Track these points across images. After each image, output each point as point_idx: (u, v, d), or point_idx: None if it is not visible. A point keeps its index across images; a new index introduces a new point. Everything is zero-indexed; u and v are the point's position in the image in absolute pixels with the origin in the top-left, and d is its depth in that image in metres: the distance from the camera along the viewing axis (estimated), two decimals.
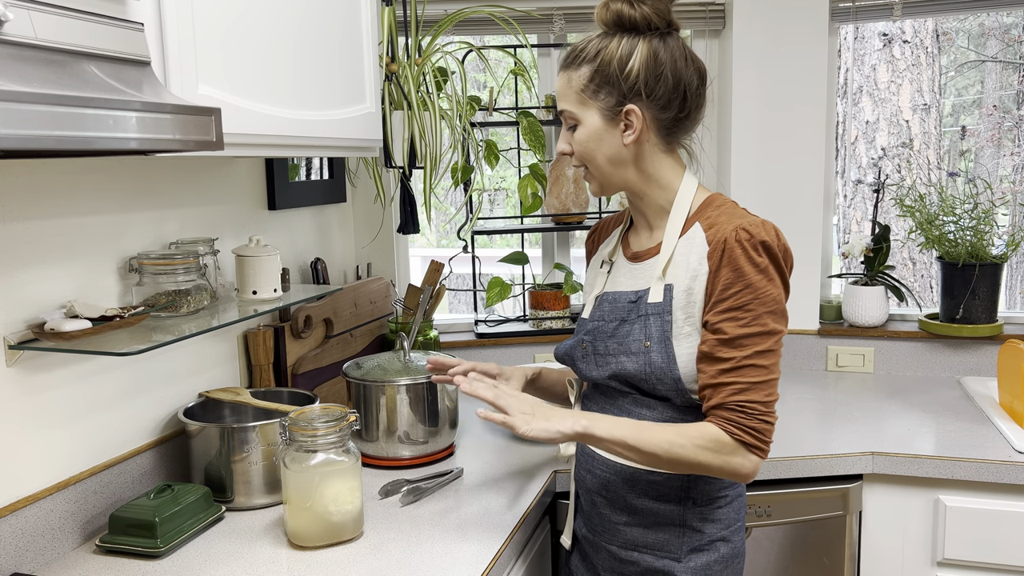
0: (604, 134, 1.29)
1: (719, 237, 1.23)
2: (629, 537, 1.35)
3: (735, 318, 1.20)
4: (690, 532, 1.31)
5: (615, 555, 1.37)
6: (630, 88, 1.26)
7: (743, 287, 1.20)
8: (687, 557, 1.31)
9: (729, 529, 1.34)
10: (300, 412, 1.42)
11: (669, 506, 1.31)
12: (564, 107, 1.32)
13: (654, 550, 1.33)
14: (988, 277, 2.29)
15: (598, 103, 1.28)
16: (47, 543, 1.35)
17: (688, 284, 1.26)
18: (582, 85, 1.29)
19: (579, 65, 1.29)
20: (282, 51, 1.43)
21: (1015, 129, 6.25)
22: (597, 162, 1.31)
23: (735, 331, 1.20)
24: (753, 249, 1.20)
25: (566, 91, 1.31)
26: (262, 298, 1.64)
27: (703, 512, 1.32)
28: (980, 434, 1.88)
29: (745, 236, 1.21)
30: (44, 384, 1.36)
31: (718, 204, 1.30)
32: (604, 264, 1.44)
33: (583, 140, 1.31)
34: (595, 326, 1.36)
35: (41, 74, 0.91)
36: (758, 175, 2.43)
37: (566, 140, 1.35)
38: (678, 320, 1.26)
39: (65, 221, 1.39)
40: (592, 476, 1.39)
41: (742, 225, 1.22)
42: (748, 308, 1.20)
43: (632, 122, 1.27)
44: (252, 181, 1.89)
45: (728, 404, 1.20)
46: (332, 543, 1.39)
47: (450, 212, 2.70)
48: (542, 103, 2.48)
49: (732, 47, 2.39)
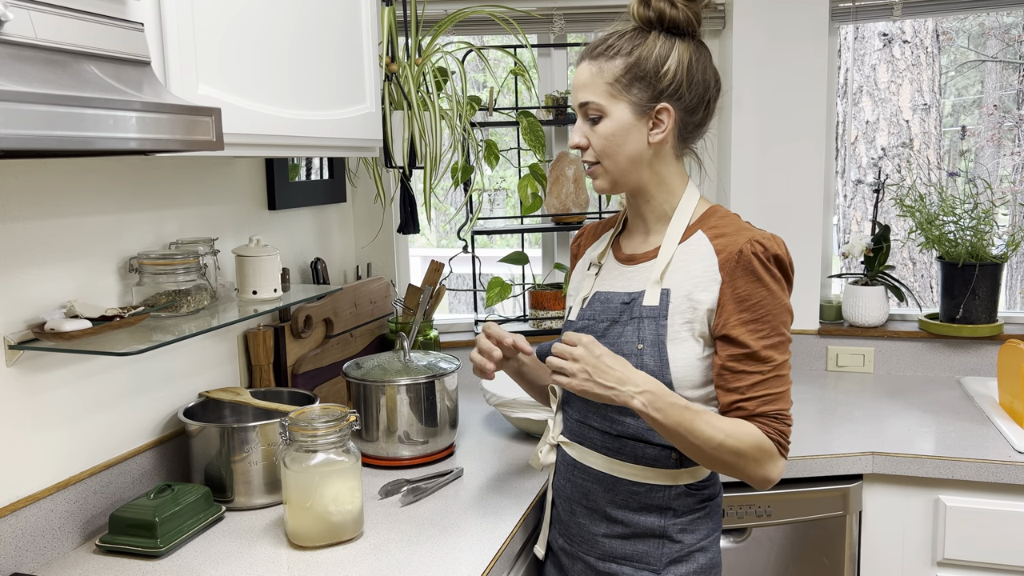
0: (631, 129, 1.26)
1: (733, 248, 1.24)
2: (607, 548, 1.33)
3: (756, 330, 1.22)
4: (669, 543, 1.30)
5: (592, 566, 1.36)
6: (665, 88, 1.25)
7: (761, 298, 1.22)
8: (666, 569, 1.30)
9: (708, 539, 1.33)
10: (300, 412, 1.42)
11: (650, 517, 1.30)
12: (590, 98, 1.27)
13: (632, 562, 1.32)
14: (988, 277, 2.29)
15: (630, 97, 1.25)
16: (47, 543, 1.35)
17: (689, 290, 1.25)
18: (615, 77, 1.25)
19: (612, 57, 1.26)
20: (282, 51, 1.43)
21: (1015, 129, 6.25)
22: (617, 158, 1.28)
23: (758, 343, 1.22)
24: (769, 261, 1.23)
25: (594, 82, 1.27)
26: (262, 298, 1.64)
27: (683, 523, 1.31)
28: (980, 434, 1.88)
29: (760, 249, 1.23)
30: (44, 384, 1.36)
31: (721, 215, 1.31)
32: (592, 267, 1.42)
33: (608, 133, 1.27)
34: (584, 325, 1.34)
35: (41, 74, 0.91)
36: (758, 175, 2.43)
37: (582, 133, 1.30)
38: (674, 325, 1.25)
39: (65, 221, 1.39)
40: (572, 485, 1.38)
41: (756, 238, 1.24)
42: (766, 320, 1.22)
43: (663, 121, 1.26)
44: (252, 181, 1.89)
45: (768, 413, 1.22)
46: (332, 543, 1.39)
47: (450, 212, 2.70)
48: (542, 103, 2.48)
49: (732, 47, 2.39)
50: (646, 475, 1.29)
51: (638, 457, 1.30)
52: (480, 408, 2.16)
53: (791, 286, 1.26)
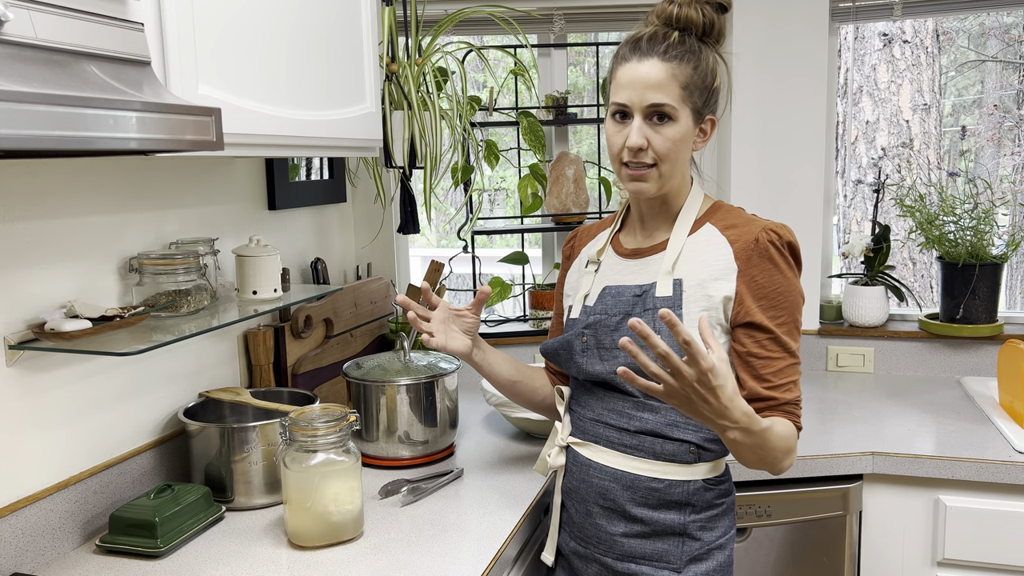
0: (689, 136, 1.29)
1: (747, 238, 1.27)
2: (626, 548, 1.33)
3: (776, 316, 1.26)
4: (689, 541, 1.30)
5: (610, 567, 1.35)
6: (715, 99, 1.31)
7: (778, 285, 1.26)
8: (686, 567, 1.30)
9: (725, 537, 1.33)
10: (300, 412, 1.42)
11: (670, 515, 1.30)
12: (665, 100, 1.24)
13: (652, 561, 1.31)
14: (988, 277, 2.29)
15: (691, 104, 1.27)
16: (47, 543, 1.35)
17: (703, 279, 1.28)
18: (686, 83, 1.26)
19: (683, 62, 1.25)
20: (282, 51, 1.43)
21: (1015, 129, 6.25)
22: (675, 163, 1.29)
23: (779, 328, 1.26)
24: (784, 248, 1.27)
25: (668, 84, 1.24)
26: (262, 298, 1.64)
27: (702, 520, 1.31)
28: (980, 434, 1.88)
29: (776, 237, 1.26)
30: (44, 384, 1.36)
31: (727, 209, 1.35)
32: (590, 264, 1.43)
33: (676, 137, 1.26)
34: (597, 319, 1.35)
35: (41, 74, 0.91)
36: (758, 175, 2.43)
37: (643, 134, 1.25)
38: (691, 313, 1.27)
39: (65, 221, 1.39)
40: (586, 485, 1.37)
41: (769, 227, 1.28)
42: (784, 307, 1.27)
43: (706, 131, 1.31)
44: (252, 181, 1.89)
45: (792, 401, 1.26)
46: (332, 543, 1.39)
47: (450, 212, 2.70)
48: (542, 103, 2.48)
49: (732, 47, 2.38)
50: (665, 470, 1.30)
51: (656, 453, 1.30)
52: (480, 408, 2.16)
53: (802, 272, 1.31)
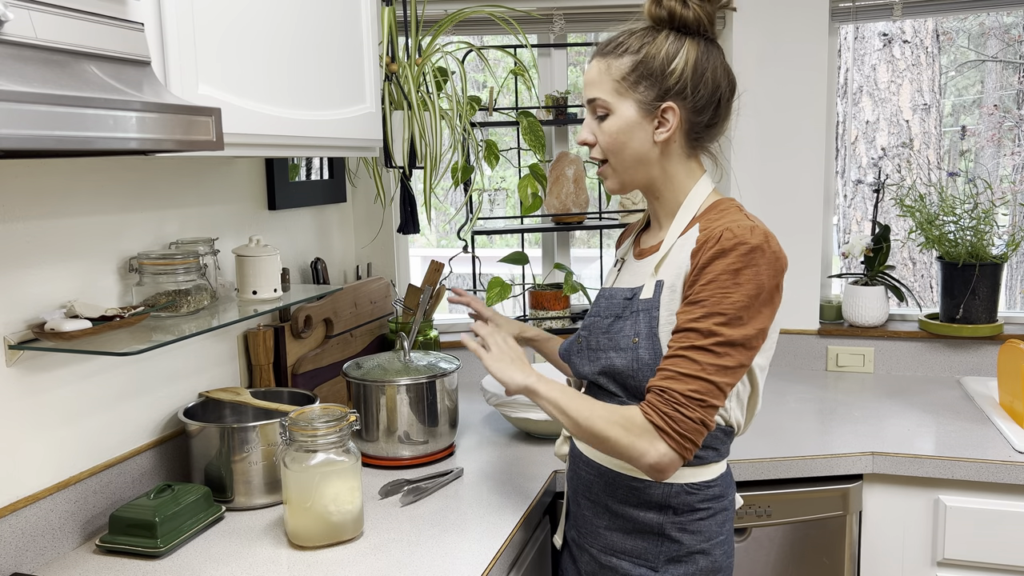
0: (636, 127, 1.27)
1: (704, 236, 1.23)
2: (609, 542, 1.35)
3: (687, 312, 1.20)
4: (668, 542, 1.30)
5: (596, 559, 1.37)
6: (671, 86, 1.25)
7: (706, 283, 1.19)
8: (664, 567, 1.30)
9: (710, 542, 1.31)
10: (300, 412, 1.42)
11: (648, 513, 1.30)
12: (596, 95, 1.28)
13: (632, 557, 1.32)
14: (988, 277, 2.29)
15: (636, 95, 1.26)
16: (47, 543, 1.35)
17: (673, 281, 1.26)
18: (622, 75, 1.26)
19: (621, 55, 1.27)
20: (282, 51, 1.43)
21: (1015, 129, 6.25)
22: (622, 156, 1.29)
23: (681, 322, 1.20)
24: (730, 249, 1.18)
25: (601, 79, 1.28)
26: (262, 298, 1.64)
27: (682, 522, 1.30)
28: (980, 434, 1.88)
29: (728, 236, 1.19)
30: (44, 384, 1.36)
31: (723, 208, 1.28)
32: (617, 263, 1.45)
33: (613, 131, 1.28)
34: (591, 321, 1.36)
35: (41, 74, 0.91)
36: (758, 175, 2.43)
37: (590, 130, 1.31)
38: (664, 315, 1.25)
39: (65, 221, 1.39)
40: (577, 478, 1.40)
41: (727, 225, 1.20)
42: (702, 305, 1.18)
43: (667, 120, 1.26)
44: (252, 181, 1.89)
45: (652, 388, 1.19)
46: (332, 543, 1.39)
47: (450, 212, 2.70)
48: (542, 103, 2.48)
49: (732, 47, 2.38)
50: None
51: None
52: (480, 408, 2.16)
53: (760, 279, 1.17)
